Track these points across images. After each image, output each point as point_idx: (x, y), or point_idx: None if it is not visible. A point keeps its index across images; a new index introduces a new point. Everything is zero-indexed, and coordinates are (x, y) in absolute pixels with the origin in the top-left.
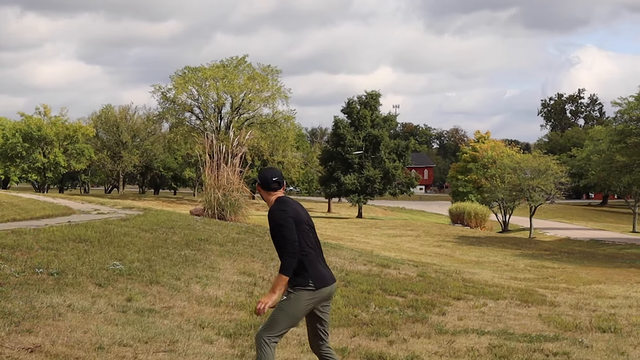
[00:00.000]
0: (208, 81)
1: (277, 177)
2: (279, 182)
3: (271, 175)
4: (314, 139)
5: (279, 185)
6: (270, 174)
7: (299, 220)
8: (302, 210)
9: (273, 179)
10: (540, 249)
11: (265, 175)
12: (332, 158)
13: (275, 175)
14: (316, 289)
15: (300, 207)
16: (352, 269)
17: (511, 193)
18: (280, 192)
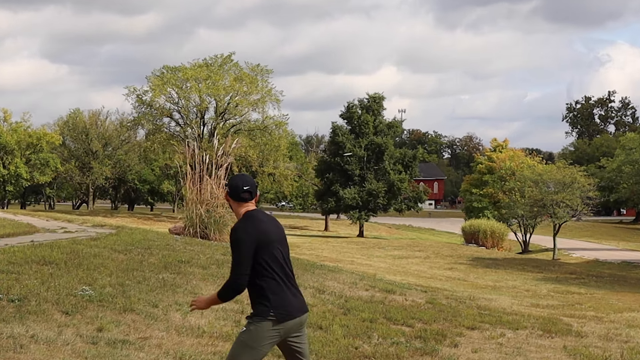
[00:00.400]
0: (189, 82)
1: (249, 186)
2: (250, 191)
3: (242, 183)
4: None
5: (250, 196)
6: (242, 181)
7: (267, 242)
8: (274, 228)
9: (244, 187)
10: (565, 272)
11: (235, 183)
12: (330, 169)
13: (247, 184)
14: (278, 321)
15: (272, 224)
16: (353, 295)
17: (532, 209)
18: (252, 204)
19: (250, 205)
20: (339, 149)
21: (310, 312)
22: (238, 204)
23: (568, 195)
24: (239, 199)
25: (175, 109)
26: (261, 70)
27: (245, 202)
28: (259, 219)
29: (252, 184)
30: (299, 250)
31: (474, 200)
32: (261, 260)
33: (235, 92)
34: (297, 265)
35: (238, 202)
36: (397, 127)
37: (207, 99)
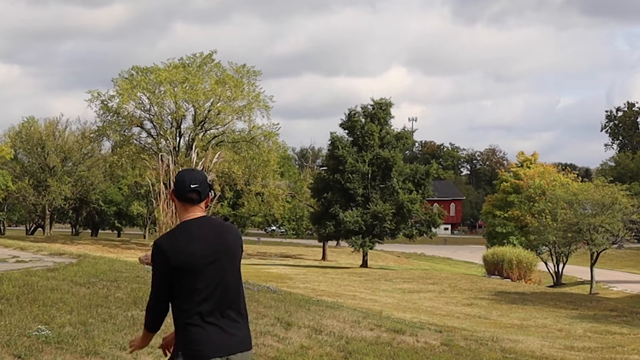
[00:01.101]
0: (163, 86)
1: (198, 184)
2: (199, 191)
3: (190, 180)
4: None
5: (198, 197)
6: (189, 177)
7: (193, 265)
8: (211, 246)
9: (192, 185)
10: (604, 308)
11: (181, 179)
12: (328, 188)
13: (196, 181)
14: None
15: (210, 240)
16: (355, 335)
17: (566, 235)
18: (199, 208)
19: (196, 210)
20: (339, 164)
21: (305, 356)
22: (182, 206)
23: (608, 219)
24: (183, 199)
25: (146, 117)
26: (247, 71)
27: (192, 204)
28: (190, 234)
29: (202, 182)
30: (291, 283)
31: (498, 225)
32: (184, 283)
33: (217, 97)
34: (290, 300)
35: (182, 204)
36: (407, 139)
37: (184, 106)
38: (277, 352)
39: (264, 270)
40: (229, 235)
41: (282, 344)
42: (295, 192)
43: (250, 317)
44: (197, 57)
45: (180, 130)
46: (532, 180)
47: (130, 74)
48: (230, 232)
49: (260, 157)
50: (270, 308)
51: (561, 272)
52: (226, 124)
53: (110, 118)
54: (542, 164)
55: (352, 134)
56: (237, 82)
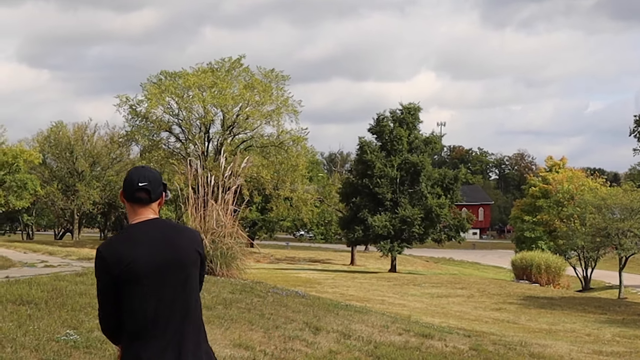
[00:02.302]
0: (192, 91)
1: (147, 183)
2: (148, 190)
3: (138, 178)
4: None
5: (148, 197)
6: (138, 175)
7: (135, 276)
8: (159, 254)
9: (140, 183)
10: (633, 313)
11: (129, 177)
12: (357, 193)
13: (145, 179)
14: None
15: (158, 247)
16: (383, 340)
17: (594, 239)
18: (150, 209)
19: (146, 211)
20: (368, 169)
21: None
22: (131, 208)
23: (636, 223)
24: (131, 200)
25: (175, 121)
26: (276, 76)
27: (141, 205)
28: (134, 239)
29: (152, 180)
30: (320, 288)
31: (526, 229)
32: (127, 296)
33: (245, 102)
34: (319, 305)
35: (131, 205)
36: (435, 143)
37: (213, 110)
38: (305, 357)
39: (292, 275)
40: (182, 240)
41: (311, 348)
42: (323, 196)
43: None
44: (225, 62)
45: (209, 134)
46: (560, 185)
47: (158, 78)
48: (184, 237)
49: (288, 162)
50: (298, 313)
51: (590, 277)
52: (254, 128)
53: (139, 123)
54: (571, 169)
55: (380, 139)
56: (265, 87)
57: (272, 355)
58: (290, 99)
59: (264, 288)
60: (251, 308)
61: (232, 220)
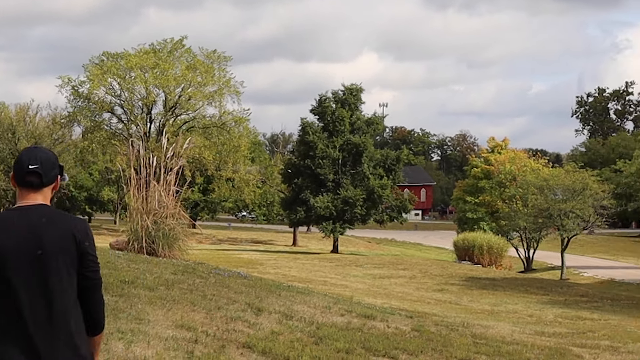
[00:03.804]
0: (134, 71)
1: (38, 165)
2: (39, 173)
3: (28, 160)
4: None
5: (39, 181)
6: (28, 156)
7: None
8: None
9: (30, 166)
10: (575, 294)
11: (20, 159)
12: (299, 174)
13: (36, 161)
14: None
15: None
16: (325, 321)
17: (536, 220)
18: (42, 194)
19: (35, 196)
20: (310, 150)
21: (276, 342)
22: (20, 192)
23: (578, 204)
24: (21, 183)
25: (117, 102)
26: (218, 57)
27: (31, 189)
28: (4, 227)
29: (44, 162)
30: (262, 269)
31: (468, 210)
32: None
33: (187, 82)
34: (261, 286)
35: (20, 189)
36: (377, 124)
37: (155, 91)
38: (247, 338)
39: (234, 256)
40: (53, 231)
41: (253, 329)
42: (266, 177)
43: (220, 303)
44: (167, 43)
45: (151, 115)
46: (502, 165)
47: (100, 59)
48: (56, 229)
49: (231, 143)
50: (240, 294)
51: (532, 258)
52: (197, 109)
53: (81, 104)
54: (513, 150)
55: (322, 120)
56: (207, 68)
57: (214, 336)
58: (232, 80)
59: (206, 269)
60: (193, 289)
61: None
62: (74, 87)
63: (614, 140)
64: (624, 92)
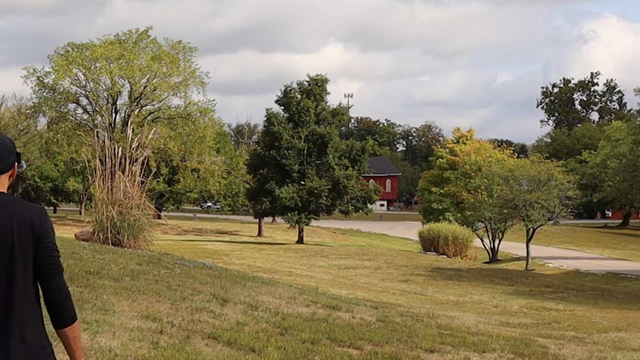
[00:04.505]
0: (99, 62)
1: None
2: None
3: None
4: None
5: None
6: None
7: None
8: None
9: None
10: (540, 285)
11: None
12: (264, 164)
13: None
14: None
15: None
16: (291, 312)
17: (502, 211)
18: None
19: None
20: (275, 141)
21: (241, 332)
22: None
23: (544, 195)
24: None
25: (82, 93)
26: (183, 47)
27: None
28: None
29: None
30: (227, 259)
31: (433, 201)
32: None
33: (152, 73)
34: (226, 277)
35: None
36: (343, 115)
37: (120, 82)
38: (213, 329)
39: (200, 247)
40: (8, 218)
41: (218, 320)
42: (231, 168)
43: (185, 293)
44: (132, 34)
45: (116, 106)
46: (468, 156)
47: (66, 50)
48: (11, 215)
49: (196, 134)
50: (206, 284)
51: (497, 249)
52: (162, 100)
53: (46, 94)
54: (478, 140)
55: (287, 110)
56: (173, 59)
57: (180, 327)
58: (197, 70)
59: (171, 259)
60: (158, 279)
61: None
62: (39, 78)
63: (579, 131)
64: (589, 82)
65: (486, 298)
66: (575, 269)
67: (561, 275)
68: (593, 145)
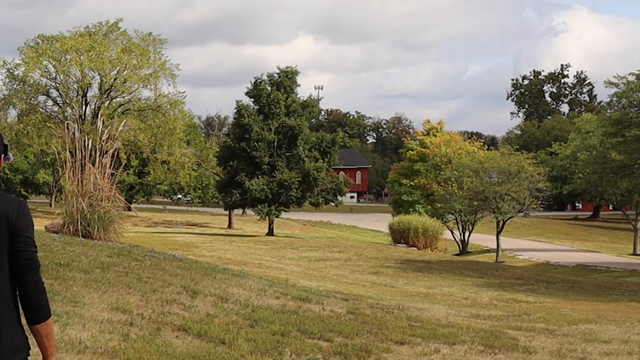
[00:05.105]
0: (69, 54)
1: None
2: None
3: None
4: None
5: None
6: None
7: None
8: None
9: None
10: (510, 277)
11: None
12: (234, 156)
13: None
14: None
15: None
16: (261, 304)
17: (472, 203)
18: None
19: None
20: (245, 133)
21: (212, 324)
22: None
23: (514, 187)
24: None
25: (52, 85)
26: (153, 40)
27: None
28: None
29: None
30: (197, 252)
31: (404, 193)
32: None
33: (123, 65)
34: (196, 269)
35: None
36: (313, 107)
37: (90, 74)
38: (183, 321)
39: (170, 239)
40: None
41: (188, 312)
42: (201, 160)
43: (156, 286)
44: (103, 26)
45: (87, 98)
46: (438, 148)
47: (36, 42)
48: None
49: (166, 126)
50: (176, 276)
51: (467, 241)
52: (132, 92)
53: (16, 86)
54: (449, 132)
55: (258, 103)
56: (143, 51)
57: (150, 319)
58: (167, 62)
59: (141, 251)
60: (128, 272)
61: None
62: (9, 70)
63: (549, 123)
64: (559, 74)
65: (456, 290)
66: (546, 261)
67: (531, 268)
68: (563, 138)
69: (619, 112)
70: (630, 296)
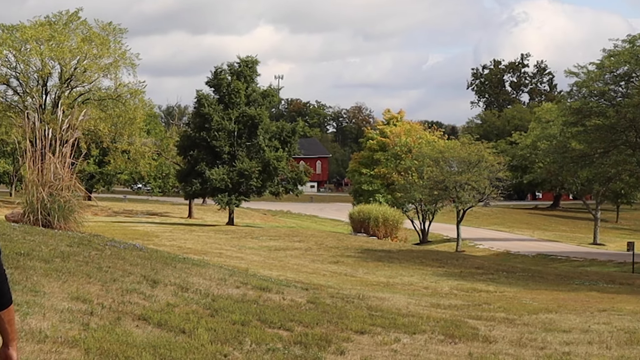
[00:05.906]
0: (29, 44)
1: None
2: None
3: None
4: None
5: None
6: None
7: None
8: None
9: None
10: (470, 266)
11: None
12: (195, 146)
13: None
14: None
15: None
16: (221, 293)
17: (432, 192)
18: None
19: None
20: (205, 122)
21: (172, 314)
22: None
23: (474, 177)
24: None
25: (12, 74)
26: (114, 29)
27: None
28: None
29: None
30: (158, 241)
31: (364, 182)
32: None
33: (83, 55)
34: (156, 258)
35: None
36: (273, 96)
37: (50, 63)
38: (143, 310)
39: (130, 228)
40: None
41: (149, 301)
42: (161, 149)
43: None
44: (63, 15)
45: (47, 88)
46: (398, 138)
47: None
48: None
49: (126, 115)
50: (136, 266)
51: (427, 230)
52: (92, 81)
53: None
54: (409, 122)
55: (218, 92)
56: (103, 40)
57: (110, 308)
58: (128, 52)
59: (101, 241)
60: (89, 261)
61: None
62: None
63: (509, 112)
64: (519, 64)
65: (416, 279)
66: (506, 250)
67: (491, 257)
68: (523, 127)
69: (579, 102)
70: (590, 285)
